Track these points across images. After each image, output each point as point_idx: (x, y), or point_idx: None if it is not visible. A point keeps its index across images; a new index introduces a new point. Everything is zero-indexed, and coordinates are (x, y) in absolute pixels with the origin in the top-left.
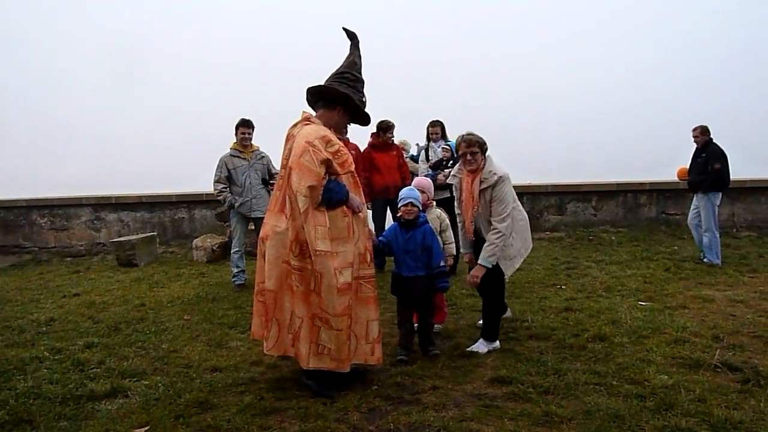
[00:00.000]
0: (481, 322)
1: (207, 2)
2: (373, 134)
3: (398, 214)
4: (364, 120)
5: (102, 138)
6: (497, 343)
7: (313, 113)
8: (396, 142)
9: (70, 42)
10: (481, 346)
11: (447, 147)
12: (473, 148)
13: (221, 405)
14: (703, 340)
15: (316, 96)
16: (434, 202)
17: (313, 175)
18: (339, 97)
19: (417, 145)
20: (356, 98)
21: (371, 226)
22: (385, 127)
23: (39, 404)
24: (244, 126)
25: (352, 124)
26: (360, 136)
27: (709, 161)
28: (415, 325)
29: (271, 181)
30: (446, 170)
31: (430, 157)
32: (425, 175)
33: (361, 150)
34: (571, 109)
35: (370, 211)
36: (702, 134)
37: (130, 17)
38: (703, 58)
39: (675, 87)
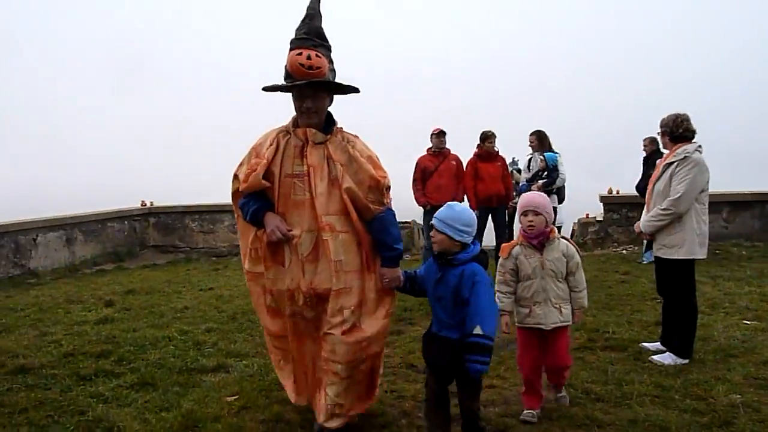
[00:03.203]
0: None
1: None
2: (477, 145)
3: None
4: (292, 84)
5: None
6: (687, 360)
7: None
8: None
9: (79, 48)
10: (667, 358)
11: (542, 158)
12: (660, 129)
13: None
14: None
15: None
16: (557, 232)
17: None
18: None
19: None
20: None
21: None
22: (483, 137)
23: (161, 373)
24: None
25: (336, 95)
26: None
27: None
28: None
29: None
30: (540, 182)
31: (531, 168)
32: (521, 189)
33: (462, 160)
34: (692, 104)
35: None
36: (651, 144)
37: (137, 22)
38: None
39: None
